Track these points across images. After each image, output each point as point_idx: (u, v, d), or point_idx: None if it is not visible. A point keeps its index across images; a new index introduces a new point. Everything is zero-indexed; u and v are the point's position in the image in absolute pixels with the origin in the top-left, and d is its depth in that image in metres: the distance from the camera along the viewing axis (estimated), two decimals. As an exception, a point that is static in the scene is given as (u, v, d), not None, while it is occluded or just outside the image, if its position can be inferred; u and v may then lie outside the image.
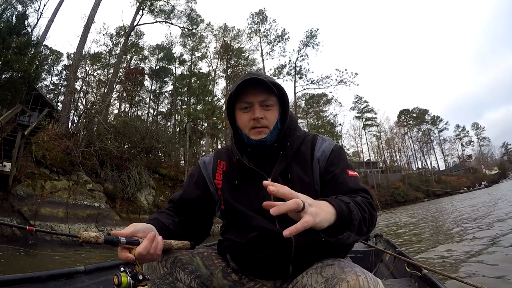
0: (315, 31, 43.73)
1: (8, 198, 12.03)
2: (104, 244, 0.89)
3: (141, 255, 0.93)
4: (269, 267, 1.18)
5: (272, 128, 1.24)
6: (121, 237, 0.92)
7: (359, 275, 0.91)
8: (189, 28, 36.10)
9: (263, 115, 1.21)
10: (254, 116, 1.20)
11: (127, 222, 15.22)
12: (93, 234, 0.86)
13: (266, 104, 1.23)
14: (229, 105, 1.30)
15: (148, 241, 0.95)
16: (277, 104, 1.26)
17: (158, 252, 0.98)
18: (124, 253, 0.93)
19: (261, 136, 1.22)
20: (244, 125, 1.25)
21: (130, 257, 0.92)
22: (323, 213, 0.86)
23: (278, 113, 1.27)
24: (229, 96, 1.26)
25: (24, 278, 1.99)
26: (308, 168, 1.24)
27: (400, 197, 46.05)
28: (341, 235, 0.91)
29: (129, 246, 0.94)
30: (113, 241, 0.90)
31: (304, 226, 0.79)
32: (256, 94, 1.21)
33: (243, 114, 1.25)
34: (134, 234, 0.97)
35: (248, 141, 1.25)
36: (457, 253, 5.73)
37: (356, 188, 1.12)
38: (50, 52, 35.73)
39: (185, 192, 1.38)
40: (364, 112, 61.05)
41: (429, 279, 2.13)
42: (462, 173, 70.41)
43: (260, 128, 1.22)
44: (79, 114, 22.21)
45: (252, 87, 1.20)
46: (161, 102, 43.80)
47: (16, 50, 16.89)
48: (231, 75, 40.14)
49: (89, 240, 0.86)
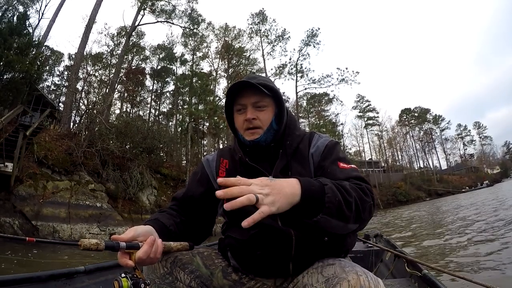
0: (316, 30, 43.54)
1: (10, 198, 12.06)
2: (105, 250, 0.90)
3: (141, 259, 0.94)
4: (269, 265, 1.18)
5: (266, 128, 1.26)
6: (121, 242, 0.93)
7: (360, 275, 0.91)
8: (190, 27, 36.08)
9: (255, 116, 1.24)
10: (246, 117, 1.24)
11: (129, 222, 15.31)
12: (94, 241, 0.87)
13: (259, 105, 1.26)
14: (227, 107, 1.34)
15: (148, 246, 0.96)
16: (272, 105, 1.29)
17: (157, 256, 0.98)
18: (125, 258, 0.94)
19: (254, 137, 1.25)
20: (239, 126, 1.30)
21: (130, 263, 0.93)
22: (283, 197, 0.86)
23: (273, 113, 1.29)
24: (226, 99, 1.32)
25: (24, 278, 2.00)
26: (306, 163, 1.27)
27: (402, 196, 45.97)
28: (316, 218, 0.90)
29: (129, 251, 0.94)
30: (114, 246, 0.91)
31: (260, 216, 0.81)
32: (249, 96, 1.25)
33: (238, 116, 1.30)
34: (134, 238, 0.98)
35: (243, 141, 1.29)
36: (463, 251, 5.73)
37: (346, 177, 1.10)
38: (52, 52, 35.80)
39: (188, 189, 1.40)
40: (365, 111, 60.93)
41: (429, 279, 2.14)
42: (464, 173, 70.17)
43: (253, 129, 1.25)
44: (80, 114, 22.28)
45: (246, 89, 1.24)
46: (163, 102, 43.87)
47: (17, 51, 16.95)
48: (233, 75, 40.15)
49: (89, 248, 0.87)
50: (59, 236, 12.07)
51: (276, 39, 43.64)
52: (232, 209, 0.79)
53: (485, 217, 10.49)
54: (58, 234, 12.16)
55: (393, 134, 65.90)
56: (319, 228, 0.93)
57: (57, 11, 24.78)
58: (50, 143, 15.62)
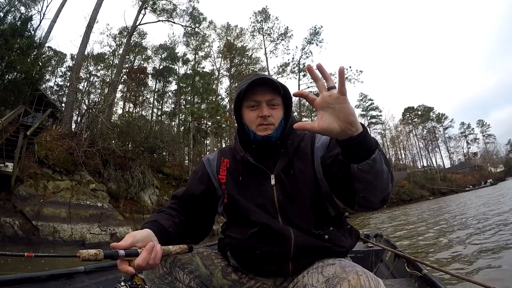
0: (319, 28, 43.54)
1: (10, 198, 12.07)
2: (104, 259, 0.90)
3: (140, 266, 0.94)
4: (268, 264, 1.18)
5: (277, 125, 1.30)
6: (120, 250, 0.93)
7: (360, 275, 0.90)
8: (192, 26, 36.11)
9: (269, 113, 1.28)
10: (262, 114, 1.27)
11: (131, 222, 15.37)
12: (93, 252, 0.87)
13: (273, 103, 1.30)
14: (236, 102, 1.36)
15: (147, 252, 0.95)
16: (281, 104, 1.33)
17: (157, 262, 0.98)
18: (124, 265, 0.94)
19: (267, 132, 1.28)
20: (251, 122, 1.31)
21: (129, 270, 0.93)
22: (352, 114, 0.88)
23: (283, 112, 1.34)
24: (238, 94, 1.32)
25: (24, 278, 2.01)
26: (308, 160, 1.29)
27: (405, 195, 45.78)
28: (374, 154, 0.92)
29: (128, 258, 0.95)
30: (113, 255, 0.91)
31: (342, 90, 0.85)
32: (264, 93, 1.28)
33: (250, 112, 1.31)
34: (133, 244, 0.97)
35: (254, 137, 1.30)
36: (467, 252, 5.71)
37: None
38: (54, 53, 35.99)
39: (189, 187, 1.41)
40: (368, 110, 61.03)
41: (429, 279, 2.14)
42: (467, 171, 70.12)
43: (266, 125, 1.28)
44: (82, 113, 22.32)
45: (260, 86, 1.27)
46: (165, 102, 44.06)
47: (19, 51, 16.99)
48: (235, 74, 40.31)
49: (89, 258, 0.87)
50: (59, 236, 12.04)
51: (278, 37, 43.77)
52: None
53: (487, 216, 10.48)
54: (59, 234, 12.11)
55: (396, 132, 66.04)
56: (372, 168, 0.94)
57: (58, 11, 24.81)
58: (51, 143, 15.63)
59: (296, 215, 1.20)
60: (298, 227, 1.17)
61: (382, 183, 0.99)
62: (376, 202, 1.05)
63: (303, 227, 1.17)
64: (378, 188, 1.00)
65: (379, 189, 1.00)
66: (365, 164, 0.92)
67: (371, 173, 0.94)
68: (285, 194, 1.23)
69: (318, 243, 1.14)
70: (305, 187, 1.23)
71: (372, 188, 0.99)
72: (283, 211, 1.21)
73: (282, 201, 1.22)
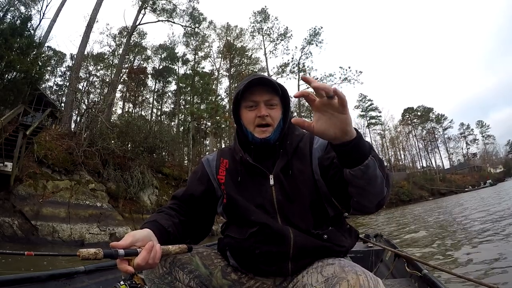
0: (318, 29, 43.46)
1: (9, 198, 12.06)
2: (104, 258, 0.90)
3: (139, 266, 0.94)
4: (268, 264, 1.18)
5: (275, 126, 1.30)
6: (120, 249, 0.93)
7: (359, 274, 0.90)
8: (192, 26, 36.09)
9: (268, 113, 1.27)
10: (260, 114, 1.27)
11: (130, 222, 15.36)
12: (92, 251, 0.86)
13: (271, 103, 1.29)
14: (235, 103, 1.36)
15: (146, 252, 0.95)
16: (280, 104, 1.33)
17: (156, 261, 0.98)
18: (124, 265, 0.93)
19: (265, 135, 1.27)
20: (249, 122, 1.30)
21: (129, 269, 0.93)
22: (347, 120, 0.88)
23: (281, 112, 1.33)
24: (236, 94, 1.32)
25: (24, 278, 2.01)
26: (307, 161, 1.28)
27: (405, 196, 45.77)
28: (367, 160, 0.92)
29: (128, 258, 0.95)
30: (112, 254, 0.91)
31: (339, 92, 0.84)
32: (262, 93, 1.28)
33: (248, 112, 1.31)
34: (133, 244, 0.97)
35: (252, 139, 1.30)
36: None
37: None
38: (54, 53, 35.97)
39: (189, 187, 1.41)
40: (368, 110, 60.98)
41: (429, 279, 2.14)
42: (467, 172, 69.99)
43: (264, 126, 1.27)
44: (81, 113, 22.30)
45: (258, 87, 1.27)
46: (165, 102, 44.01)
47: (18, 51, 16.97)
48: (234, 74, 40.27)
49: (89, 258, 0.86)
50: (58, 236, 12.03)
51: (278, 37, 43.63)
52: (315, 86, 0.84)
53: (487, 216, 10.47)
54: (58, 234, 12.09)
55: (396, 133, 65.98)
56: (364, 174, 0.93)
57: (58, 11, 24.80)
58: (51, 143, 15.62)
59: (295, 215, 1.20)
60: (297, 227, 1.17)
61: (375, 189, 0.99)
62: (370, 206, 1.05)
63: (302, 227, 1.17)
64: (371, 193, 1.00)
65: (372, 194, 1.00)
66: (357, 169, 0.92)
67: (364, 179, 0.94)
68: (284, 194, 1.23)
69: (318, 243, 1.14)
70: (304, 187, 1.23)
71: (365, 193, 0.99)
72: (282, 211, 1.21)
73: (281, 201, 1.22)
